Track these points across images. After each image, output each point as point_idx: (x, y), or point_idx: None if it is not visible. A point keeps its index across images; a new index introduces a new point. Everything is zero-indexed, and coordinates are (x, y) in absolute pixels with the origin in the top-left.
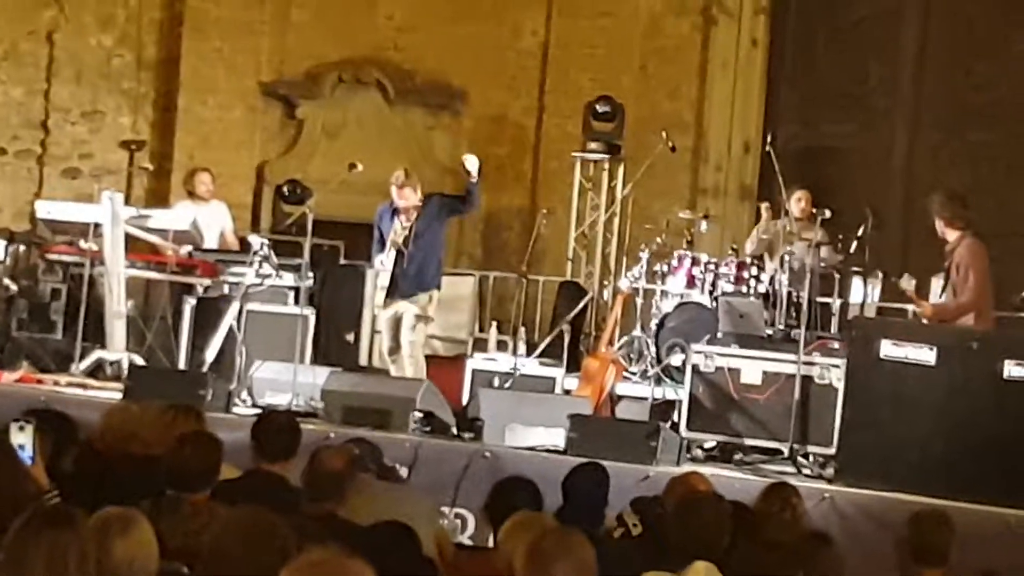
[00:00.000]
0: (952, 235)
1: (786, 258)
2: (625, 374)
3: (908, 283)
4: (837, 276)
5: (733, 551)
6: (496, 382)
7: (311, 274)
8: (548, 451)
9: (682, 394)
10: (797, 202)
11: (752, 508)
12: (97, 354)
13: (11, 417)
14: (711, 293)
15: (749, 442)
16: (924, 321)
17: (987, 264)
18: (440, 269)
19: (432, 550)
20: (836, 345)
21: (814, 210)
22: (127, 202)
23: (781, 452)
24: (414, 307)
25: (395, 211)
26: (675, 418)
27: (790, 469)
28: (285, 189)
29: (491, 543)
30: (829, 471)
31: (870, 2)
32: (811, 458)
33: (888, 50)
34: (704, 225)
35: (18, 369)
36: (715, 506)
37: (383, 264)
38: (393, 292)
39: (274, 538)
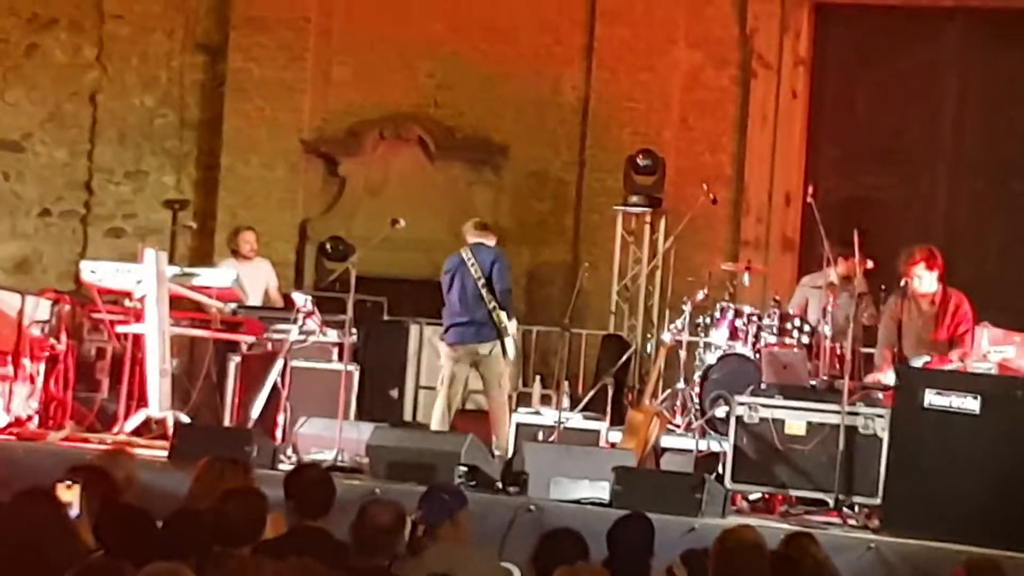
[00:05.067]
0: (937, 284)
1: (828, 309)
2: (669, 426)
3: None
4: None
5: None
6: (540, 436)
7: (355, 330)
8: (593, 504)
9: (726, 446)
10: (843, 268)
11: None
12: (143, 412)
13: (58, 476)
14: (754, 345)
15: (794, 493)
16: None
17: None
18: None
19: None
20: (879, 395)
21: (856, 261)
22: (171, 261)
23: (826, 503)
24: None
25: None
26: (720, 470)
27: (835, 520)
28: (328, 246)
29: None
30: (875, 521)
31: (909, 53)
32: (856, 508)
33: (927, 101)
34: (746, 277)
35: (64, 429)
36: (754, 555)
37: None
38: None
39: None
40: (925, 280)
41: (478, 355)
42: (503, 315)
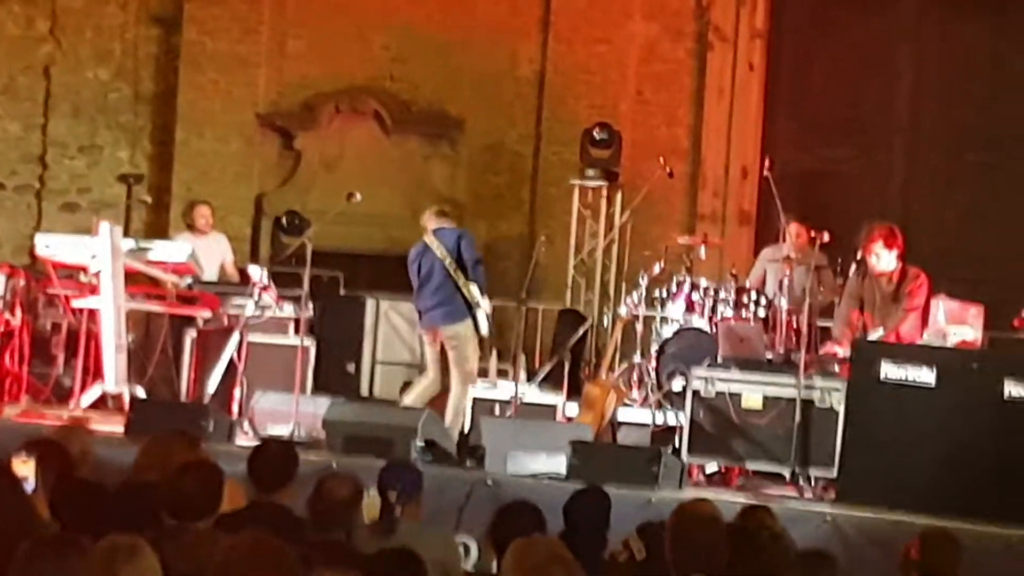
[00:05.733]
0: (896, 262)
1: (785, 282)
2: (626, 400)
3: None
4: (836, 300)
5: (734, 573)
6: (497, 410)
7: (311, 305)
8: (550, 478)
9: (683, 419)
10: (796, 237)
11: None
12: (98, 387)
13: (14, 450)
14: (711, 318)
15: (750, 466)
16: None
17: None
18: None
19: None
20: (836, 368)
21: (812, 234)
22: (126, 235)
23: (783, 476)
24: None
25: None
26: (676, 443)
27: (792, 492)
28: (284, 220)
29: (495, 569)
30: (831, 494)
31: (865, 26)
32: (813, 481)
33: (884, 73)
34: (703, 251)
35: (19, 403)
36: (711, 528)
37: None
38: None
39: (278, 561)
40: (883, 258)
41: (446, 339)
42: (474, 289)
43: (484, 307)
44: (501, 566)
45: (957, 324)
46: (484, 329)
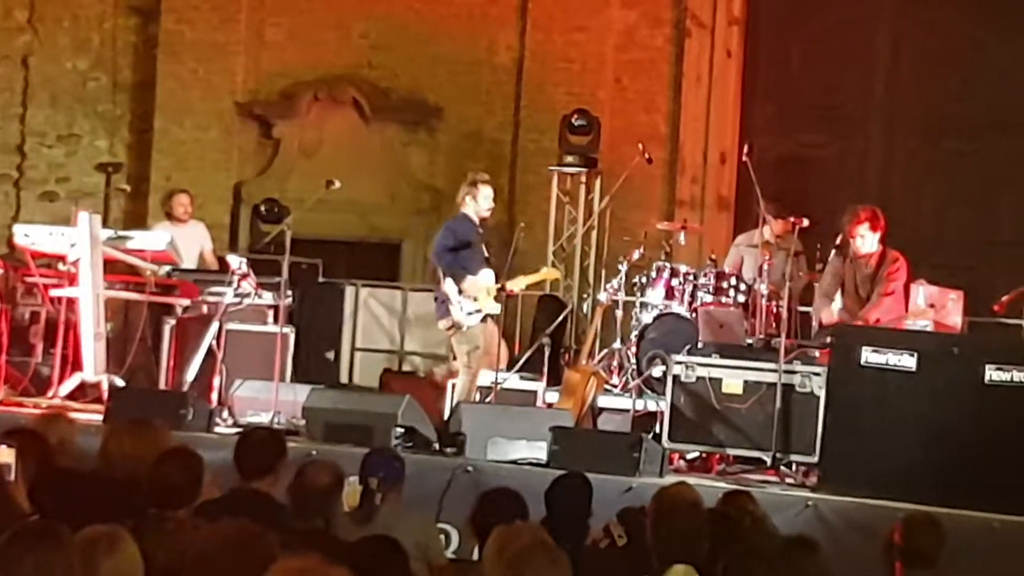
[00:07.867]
0: (878, 245)
1: (764, 267)
2: (606, 386)
3: None
4: (816, 285)
5: (715, 558)
6: (477, 396)
7: (290, 292)
8: (531, 464)
9: (663, 405)
10: (774, 221)
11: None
12: (77, 376)
13: None
14: (690, 304)
15: (731, 452)
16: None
17: None
18: None
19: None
20: (816, 353)
21: (792, 219)
22: (105, 224)
23: (764, 461)
24: None
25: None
26: (657, 429)
27: (773, 478)
28: (263, 208)
29: (475, 556)
30: (812, 479)
31: (842, 11)
32: (794, 466)
33: (862, 59)
34: (682, 236)
35: None
36: (692, 513)
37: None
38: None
39: (259, 548)
40: (867, 240)
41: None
42: (446, 283)
43: (453, 298)
44: (483, 553)
45: (934, 310)
46: (457, 316)
